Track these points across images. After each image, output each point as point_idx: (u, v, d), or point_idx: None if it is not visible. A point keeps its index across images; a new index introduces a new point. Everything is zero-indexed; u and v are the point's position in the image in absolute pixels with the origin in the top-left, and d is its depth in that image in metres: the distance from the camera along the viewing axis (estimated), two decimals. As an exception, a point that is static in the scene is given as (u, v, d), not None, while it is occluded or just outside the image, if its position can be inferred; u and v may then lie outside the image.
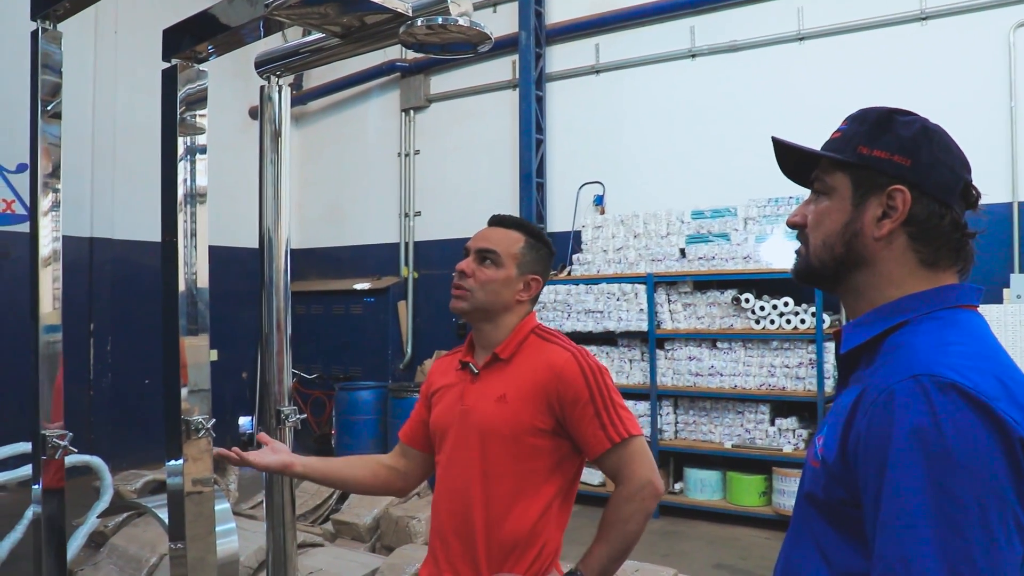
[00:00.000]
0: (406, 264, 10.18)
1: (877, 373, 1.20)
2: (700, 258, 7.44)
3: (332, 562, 4.54)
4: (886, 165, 1.28)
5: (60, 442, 2.65)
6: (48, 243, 2.77)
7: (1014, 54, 6.79)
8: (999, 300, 6.44)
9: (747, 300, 7.11)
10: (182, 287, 2.90)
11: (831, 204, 1.34)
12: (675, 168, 8.35)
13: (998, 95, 6.83)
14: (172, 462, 2.80)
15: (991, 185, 6.67)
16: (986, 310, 6.21)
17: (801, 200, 1.49)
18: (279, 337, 3.01)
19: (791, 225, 1.40)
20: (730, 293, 7.22)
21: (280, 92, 3.01)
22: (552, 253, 2.28)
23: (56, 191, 2.80)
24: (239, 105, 10.45)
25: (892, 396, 1.11)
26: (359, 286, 10.18)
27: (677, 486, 7.50)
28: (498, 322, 2.18)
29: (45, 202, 2.79)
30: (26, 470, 3.90)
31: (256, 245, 2.99)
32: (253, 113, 10.78)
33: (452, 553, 2.10)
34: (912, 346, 1.20)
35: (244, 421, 9.92)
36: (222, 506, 2.80)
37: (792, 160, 1.42)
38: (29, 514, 3.95)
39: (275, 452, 2.30)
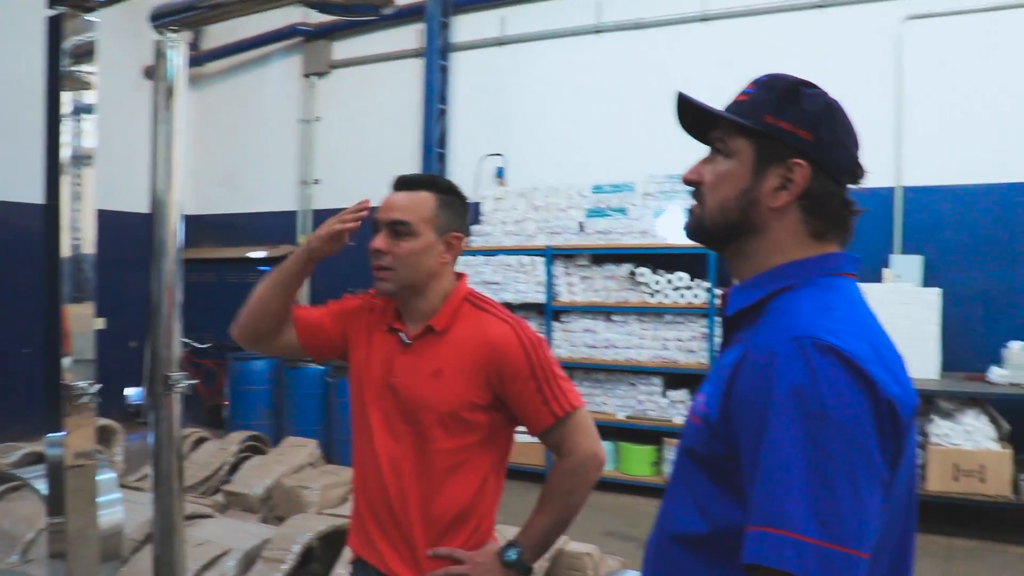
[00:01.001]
0: (303, 232, 10.02)
1: (759, 334, 1.24)
2: (598, 232, 7.54)
3: (221, 533, 4.46)
4: (790, 138, 1.31)
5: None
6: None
7: (903, 45, 7.07)
8: (879, 280, 6.73)
9: (643, 274, 7.25)
10: (66, 252, 2.79)
11: (731, 168, 1.35)
12: (577, 142, 8.42)
13: (887, 84, 7.11)
14: (52, 433, 2.71)
15: (876, 169, 6.93)
16: (867, 289, 6.48)
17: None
18: (169, 303, 2.93)
19: (687, 182, 1.41)
20: (627, 267, 7.35)
21: (176, 48, 2.91)
22: (466, 201, 2.15)
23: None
24: (133, 63, 10.04)
25: (773, 356, 1.16)
26: (255, 254, 9.96)
27: (572, 456, 7.61)
28: (427, 292, 2.07)
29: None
30: None
31: (146, 210, 2.89)
32: (148, 72, 10.39)
33: (385, 527, 2.03)
34: (793, 310, 1.24)
35: (132, 392, 9.64)
36: (107, 476, 2.73)
37: (691, 116, 1.43)
38: None
39: None
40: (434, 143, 8.97)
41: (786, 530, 1.07)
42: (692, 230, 1.43)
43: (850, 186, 1.36)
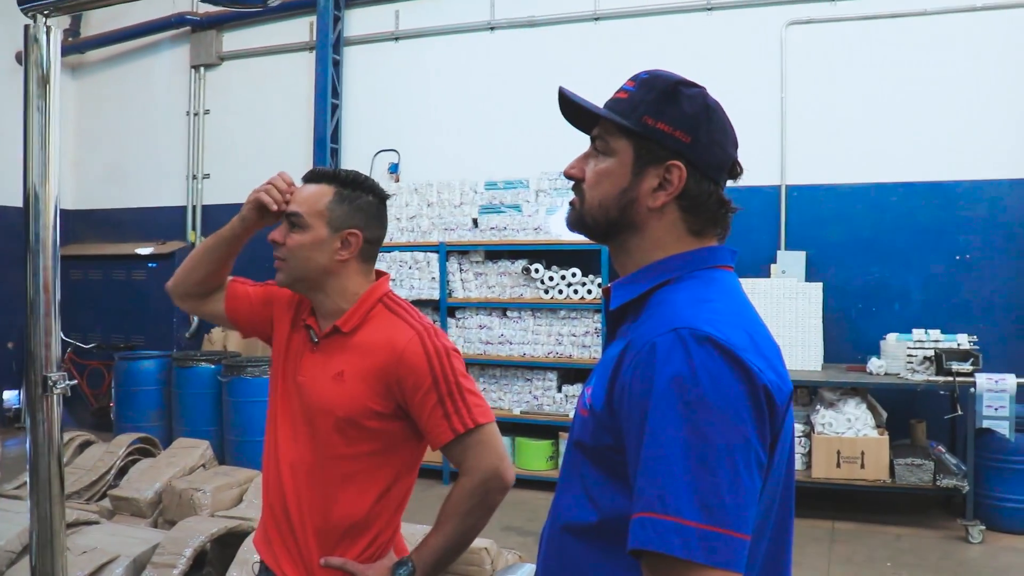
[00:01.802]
0: (193, 228, 9.75)
1: (642, 327, 1.27)
2: (492, 228, 7.56)
3: (108, 539, 4.32)
4: (668, 140, 1.33)
5: None
6: None
7: (785, 49, 7.34)
8: (767, 275, 6.97)
9: (537, 270, 7.30)
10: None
11: (610, 167, 1.37)
12: (471, 139, 8.44)
13: (772, 86, 7.36)
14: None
15: (763, 169, 7.22)
16: (755, 284, 6.72)
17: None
18: (46, 299, 2.83)
19: (568, 176, 1.43)
20: (520, 263, 7.40)
21: (48, 33, 2.81)
22: (379, 200, 2.07)
23: None
24: (4, 50, 9.60)
25: (654, 348, 1.19)
26: (142, 250, 9.64)
27: (468, 452, 7.64)
28: (327, 290, 2.00)
29: None
30: None
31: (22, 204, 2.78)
32: (20, 59, 9.94)
33: (283, 531, 1.98)
34: (673, 302, 1.28)
35: (10, 395, 9.23)
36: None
37: (574, 111, 1.44)
38: None
39: None
40: (327, 137, 8.86)
41: (669, 515, 1.10)
42: (573, 223, 1.45)
43: (732, 183, 1.40)
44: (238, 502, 4.93)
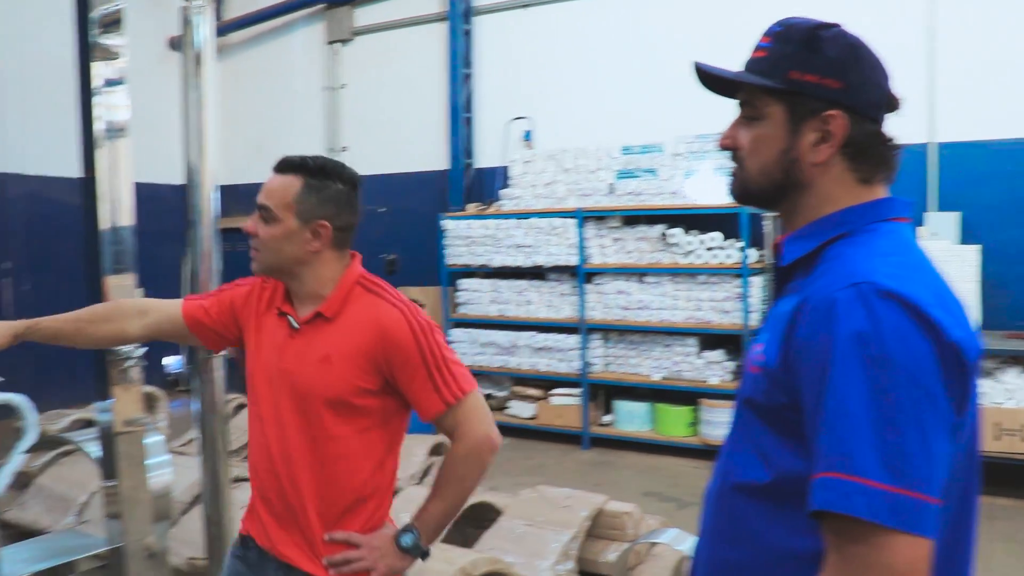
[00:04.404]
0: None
1: (817, 283, 1.23)
2: (629, 193, 7.49)
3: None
4: (819, 90, 1.28)
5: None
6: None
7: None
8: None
9: (674, 235, 7.20)
10: (105, 224, 2.83)
11: (765, 131, 1.33)
12: (604, 104, 8.34)
13: (918, 37, 6.94)
14: (100, 400, 2.76)
15: (909, 126, 6.83)
16: (903, 244, 6.40)
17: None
18: (205, 267, 2.97)
19: (723, 148, 1.40)
20: (658, 228, 7.29)
21: (202, 13, 2.90)
22: (350, 187, 2.06)
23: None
24: (157, 36, 10.06)
25: (833, 304, 1.15)
26: (285, 223, 10.00)
27: (606, 418, 7.65)
28: (303, 277, 2.02)
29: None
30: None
31: (180, 182, 2.91)
32: (173, 44, 10.41)
33: (277, 514, 2.01)
34: (851, 256, 1.23)
35: (171, 361, 9.76)
36: (155, 440, 2.78)
37: (714, 80, 1.40)
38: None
39: None
40: (460, 108, 8.94)
41: (854, 475, 1.07)
42: (738, 194, 1.41)
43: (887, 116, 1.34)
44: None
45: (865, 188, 1.32)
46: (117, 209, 2.83)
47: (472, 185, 9.08)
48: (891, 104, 1.33)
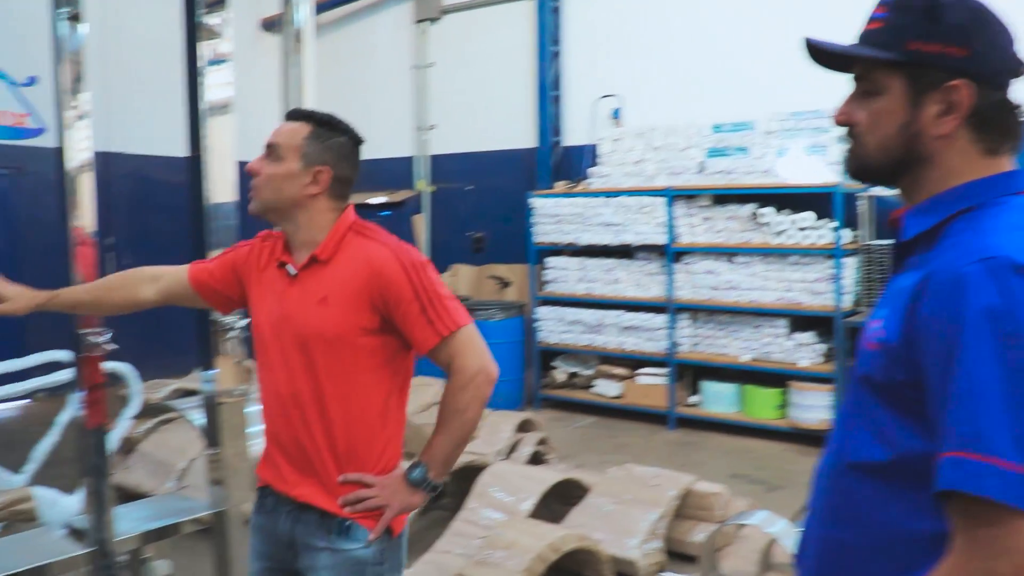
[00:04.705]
0: (421, 178, 10.15)
1: (942, 257, 1.19)
2: (719, 172, 7.38)
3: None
4: (942, 60, 1.23)
5: (98, 339, 2.70)
6: (78, 155, 2.77)
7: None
8: None
9: (765, 215, 7.07)
10: (210, 201, 2.92)
11: (884, 106, 1.29)
12: (694, 81, 8.19)
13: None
14: (204, 370, 2.86)
15: None
16: None
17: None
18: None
19: (839, 123, 1.36)
20: (749, 207, 7.17)
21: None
22: (352, 141, 2.15)
23: (81, 102, 2.78)
24: (249, 17, 10.27)
25: (962, 279, 1.12)
26: (374, 200, 10.13)
27: (693, 399, 7.59)
28: (297, 221, 2.09)
29: (70, 114, 2.78)
30: (57, 376, 3.98)
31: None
32: (266, 25, 10.62)
33: (296, 460, 2.08)
34: (979, 230, 1.19)
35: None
36: (255, 409, 2.87)
37: (826, 55, 1.36)
38: (64, 419, 4.04)
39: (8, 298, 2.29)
40: (548, 85, 8.93)
41: (986, 455, 1.04)
42: (855, 171, 1.37)
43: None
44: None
45: (991, 160, 1.27)
46: (221, 186, 2.92)
47: (560, 163, 9.06)
48: (1018, 69, 1.28)
